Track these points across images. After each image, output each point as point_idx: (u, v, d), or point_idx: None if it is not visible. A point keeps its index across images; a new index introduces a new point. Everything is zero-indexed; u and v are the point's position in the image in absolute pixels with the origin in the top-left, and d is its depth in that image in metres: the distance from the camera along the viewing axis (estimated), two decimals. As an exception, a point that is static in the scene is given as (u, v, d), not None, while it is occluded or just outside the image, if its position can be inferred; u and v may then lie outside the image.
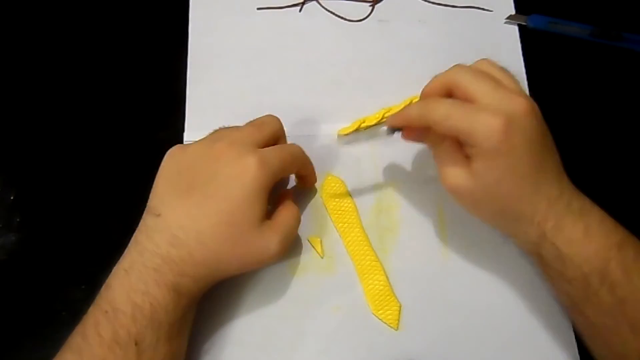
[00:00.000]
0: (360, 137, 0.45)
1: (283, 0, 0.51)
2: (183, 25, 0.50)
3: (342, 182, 0.45)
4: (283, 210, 0.40)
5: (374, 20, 0.51)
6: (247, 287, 0.42)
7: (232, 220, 0.36)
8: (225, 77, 0.49)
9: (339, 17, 0.51)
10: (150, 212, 0.37)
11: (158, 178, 0.38)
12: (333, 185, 0.45)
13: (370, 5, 0.52)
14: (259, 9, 0.51)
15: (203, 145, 0.38)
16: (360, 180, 0.45)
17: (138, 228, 0.37)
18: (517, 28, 0.51)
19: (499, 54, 0.49)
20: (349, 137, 0.47)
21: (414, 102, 0.47)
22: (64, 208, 0.45)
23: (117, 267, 0.36)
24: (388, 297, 0.42)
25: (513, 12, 0.51)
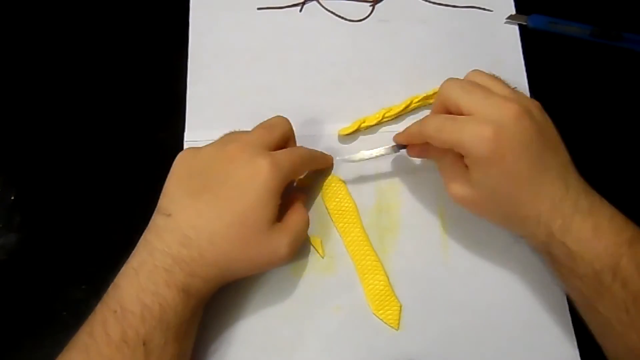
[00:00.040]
0: (364, 153, 0.45)
1: (283, 0, 0.51)
2: (183, 25, 0.50)
3: (342, 182, 0.45)
4: (293, 213, 0.40)
5: (374, 20, 0.51)
6: (247, 287, 0.42)
7: (244, 222, 0.36)
8: (225, 77, 0.49)
9: (339, 17, 0.51)
10: (161, 212, 0.37)
11: (169, 179, 0.38)
12: (333, 185, 0.45)
13: (371, 5, 0.52)
14: (259, 9, 0.51)
15: (215, 148, 0.39)
16: (361, 180, 0.46)
17: (147, 228, 0.37)
18: (517, 28, 0.51)
19: (499, 54, 0.50)
20: (352, 145, 0.47)
21: (414, 102, 0.47)
22: (64, 208, 0.45)
23: (126, 266, 0.36)
24: (388, 297, 0.42)
25: (513, 12, 0.51)
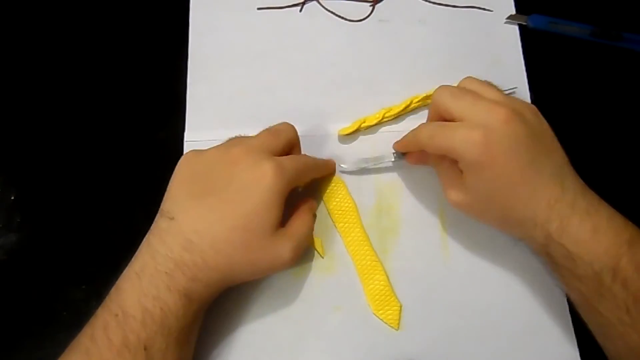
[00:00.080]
0: (367, 163, 0.45)
1: (283, 0, 0.51)
2: (183, 25, 0.50)
3: (342, 182, 0.45)
4: (297, 219, 0.40)
5: (374, 20, 0.51)
6: (247, 287, 0.41)
7: (248, 226, 0.36)
8: (225, 77, 0.49)
9: (339, 17, 0.51)
10: (164, 215, 0.37)
11: (172, 181, 0.38)
12: (333, 185, 0.45)
13: (371, 5, 0.52)
14: (259, 9, 0.51)
15: (219, 151, 0.38)
16: (361, 180, 0.45)
17: (150, 230, 0.37)
18: (517, 28, 0.51)
19: (499, 54, 0.50)
20: (353, 142, 0.47)
21: (414, 102, 0.47)
22: (64, 208, 0.45)
23: (128, 269, 0.36)
24: (388, 297, 0.42)
25: (513, 12, 0.51)
